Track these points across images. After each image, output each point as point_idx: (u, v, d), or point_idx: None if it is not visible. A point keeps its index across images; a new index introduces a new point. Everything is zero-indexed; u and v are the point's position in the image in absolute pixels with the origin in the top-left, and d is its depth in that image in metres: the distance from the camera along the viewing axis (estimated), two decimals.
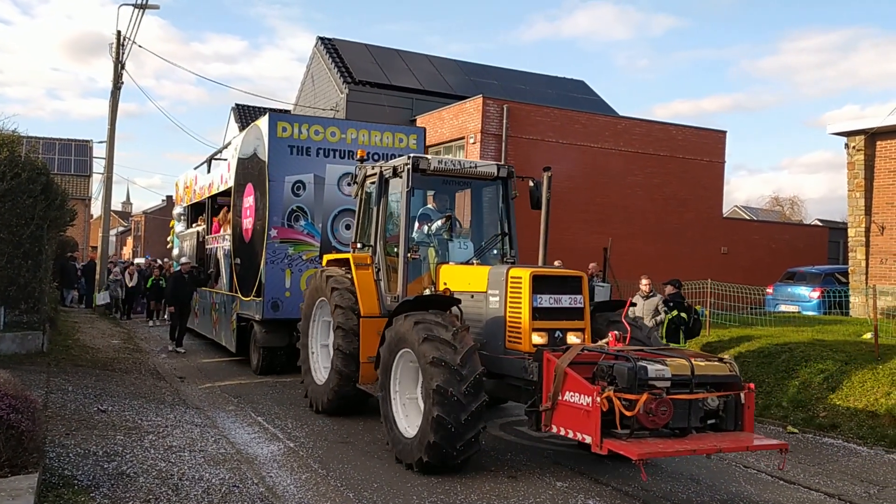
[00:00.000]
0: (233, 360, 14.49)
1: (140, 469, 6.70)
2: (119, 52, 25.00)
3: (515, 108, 22.07)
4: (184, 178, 20.39)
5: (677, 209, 24.29)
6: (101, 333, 18.15)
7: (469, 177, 9.33)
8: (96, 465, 6.66)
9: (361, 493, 6.63)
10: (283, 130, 12.59)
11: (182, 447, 7.68)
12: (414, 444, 7.13)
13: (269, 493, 6.45)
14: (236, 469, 7.04)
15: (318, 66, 28.82)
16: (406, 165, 8.74)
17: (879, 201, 18.21)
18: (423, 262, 8.99)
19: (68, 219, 15.32)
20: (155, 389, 11.11)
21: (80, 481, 6.14)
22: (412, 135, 13.65)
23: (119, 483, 6.24)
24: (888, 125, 17.65)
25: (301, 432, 8.85)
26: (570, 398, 6.23)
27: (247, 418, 9.58)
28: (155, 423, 8.72)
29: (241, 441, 8.33)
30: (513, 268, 7.69)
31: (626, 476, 7.38)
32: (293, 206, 12.61)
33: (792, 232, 30.85)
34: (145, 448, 7.46)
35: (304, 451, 8.01)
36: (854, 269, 18.74)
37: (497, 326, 7.66)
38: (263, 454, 7.83)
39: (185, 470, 6.84)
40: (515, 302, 7.47)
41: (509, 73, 31.92)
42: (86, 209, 41.43)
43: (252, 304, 12.92)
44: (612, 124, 24.05)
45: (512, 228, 9.34)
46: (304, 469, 7.32)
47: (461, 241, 9.25)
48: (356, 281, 9.24)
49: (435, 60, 30.60)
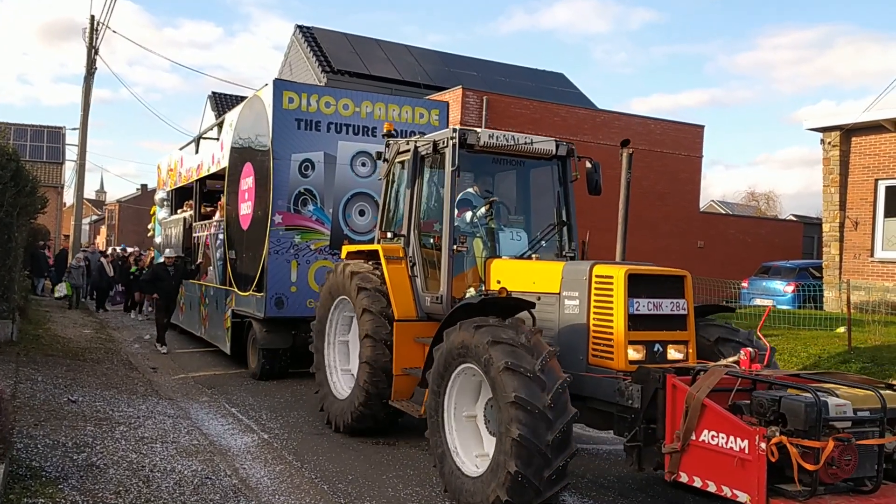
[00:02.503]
0: (207, 350, 14.33)
1: (110, 460, 6.58)
2: (93, 37, 24.62)
3: (495, 99, 22.03)
4: (167, 160, 18.98)
5: (655, 203, 24.39)
6: (72, 323, 17.88)
7: (522, 155, 7.95)
8: (65, 456, 6.52)
9: (336, 484, 6.56)
10: (290, 101, 11.01)
11: (154, 438, 7.56)
12: (484, 481, 5.64)
13: (243, 484, 6.37)
14: (209, 461, 6.94)
15: (296, 55, 28.56)
16: (451, 140, 7.40)
17: (854, 197, 18.40)
18: (467, 256, 7.65)
19: (39, 206, 15.07)
20: (127, 380, 10.94)
21: (48, 473, 6.01)
22: (434, 109, 12.09)
23: (88, 474, 6.12)
24: (863, 121, 17.84)
25: (275, 424, 8.76)
26: (710, 440, 4.82)
27: (220, 409, 9.47)
28: (126, 413, 8.58)
29: (214, 432, 8.22)
30: (599, 264, 6.31)
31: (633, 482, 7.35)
32: (300, 188, 11.09)
33: (767, 227, 31.16)
34: (116, 439, 7.33)
35: (279, 442, 7.92)
36: (828, 263, 18.94)
37: (575, 337, 6.28)
38: (237, 446, 7.73)
39: (156, 461, 6.72)
40: (604, 307, 6.09)
41: (489, 64, 31.87)
42: (58, 197, 40.87)
43: (251, 300, 11.51)
44: (591, 117, 24.09)
45: (571, 217, 8.07)
46: (278, 461, 7.23)
47: (513, 232, 7.94)
48: (387, 278, 7.85)
49: (414, 51, 30.46)
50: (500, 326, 5.77)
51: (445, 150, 7.49)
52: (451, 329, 6.10)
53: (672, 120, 26.20)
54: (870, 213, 18.05)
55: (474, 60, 31.81)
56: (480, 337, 5.68)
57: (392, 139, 8.64)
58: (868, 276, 17.80)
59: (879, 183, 17.97)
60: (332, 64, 26.57)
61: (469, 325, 5.88)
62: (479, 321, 5.86)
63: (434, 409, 6.25)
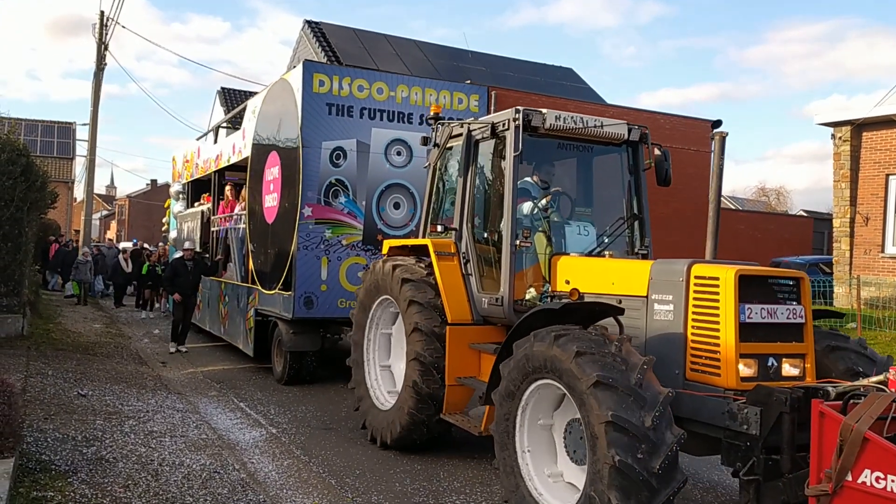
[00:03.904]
0: (216, 345, 14.38)
1: (119, 454, 6.63)
2: (102, 33, 24.68)
3: (503, 94, 21.95)
4: (183, 152, 18.08)
5: (664, 198, 24.21)
6: (82, 318, 17.97)
7: (589, 140, 7.10)
8: (75, 449, 6.57)
9: (343, 479, 6.58)
10: (321, 84, 10.18)
11: (163, 432, 7.60)
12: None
13: (251, 479, 6.39)
14: (217, 455, 6.97)
15: (304, 50, 28.57)
16: (514, 121, 6.60)
17: (864, 192, 18.30)
18: (528, 252, 6.87)
19: (49, 201, 15.13)
20: (136, 374, 11.00)
21: (57, 466, 6.06)
22: (473, 94, 11.30)
23: (98, 468, 6.16)
24: (874, 116, 17.72)
25: (283, 418, 8.79)
26: (874, 482, 3.96)
27: (229, 404, 9.50)
28: (136, 408, 8.63)
29: (222, 427, 8.25)
30: (699, 263, 5.44)
31: None
32: (331, 178, 10.29)
33: (777, 222, 31.03)
34: (125, 433, 7.38)
35: (287, 437, 7.94)
36: (838, 259, 18.84)
37: (669, 348, 5.43)
38: (245, 440, 7.75)
39: (165, 455, 6.76)
40: (707, 314, 5.23)
41: (497, 59, 31.80)
42: (69, 192, 41.10)
43: (277, 300, 10.79)
44: (599, 112, 23.96)
45: (644, 210, 7.24)
46: (286, 455, 7.25)
47: (580, 226, 7.13)
48: (439, 277, 7.08)
49: (423, 46, 30.42)
50: (586, 335, 5.03)
51: (506, 133, 6.75)
52: (524, 340, 5.34)
53: (681, 115, 26.07)
54: (880, 209, 17.94)
55: (483, 55, 31.74)
56: (564, 348, 4.91)
57: (441, 122, 7.91)
58: (878, 272, 17.70)
59: (890, 178, 17.86)
60: (340, 59, 26.55)
61: (546, 334, 5.13)
62: (559, 329, 5.11)
63: (504, 431, 5.51)
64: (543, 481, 5.36)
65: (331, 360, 11.61)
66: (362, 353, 8.04)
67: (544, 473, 5.40)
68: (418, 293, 7.04)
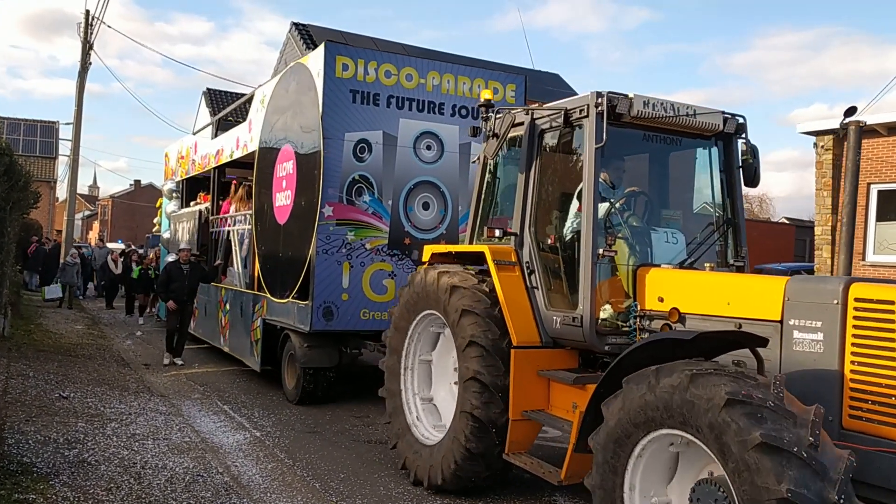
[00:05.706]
0: (200, 347, 14.30)
1: (102, 457, 6.58)
2: (87, 32, 24.50)
3: None
4: (177, 147, 16.94)
5: None
6: (64, 319, 17.83)
7: (677, 131, 6.10)
8: (56, 452, 6.52)
9: (328, 483, 6.57)
10: (345, 68, 9.17)
11: (145, 435, 7.56)
12: None
13: (234, 482, 6.37)
14: (201, 458, 6.94)
15: (291, 52, 28.52)
16: (596, 108, 5.57)
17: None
18: (602, 262, 5.69)
19: (32, 201, 15.01)
20: (119, 376, 10.93)
21: (39, 468, 6.01)
22: (510, 84, 10.21)
23: (80, 471, 6.12)
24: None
25: (268, 421, 8.76)
26: None
27: (213, 407, 9.46)
28: (118, 410, 8.57)
29: (206, 430, 8.22)
30: (858, 283, 4.36)
31: None
32: (355, 174, 9.20)
33: (759, 229, 31.28)
34: (107, 436, 7.33)
35: (271, 440, 7.92)
36: (820, 267, 19.02)
37: (818, 387, 4.31)
38: (229, 443, 7.72)
39: (148, 458, 6.73)
40: (877, 346, 4.14)
41: (484, 63, 31.90)
42: (51, 192, 40.77)
43: (291, 309, 9.68)
44: None
45: (739, 214, 6.26)
46: (269, 459, 7.23)
47: (668, 232, 6.03)
48: (500, 291, 5.99)
49: (409, 49, 30.46)
50: (732, 375, 3.93)
51: (583, 121, 5.72)
52: (640, 376, 4.25)
53: None
54: (862, 217, 18.14)
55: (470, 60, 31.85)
56: (706, 391, 3.83)
57: (494, 111, 6.72)
58: None
59: (872, 187, 18.05)
60: None
61: (679, 372, 4.01)
62: (692, 366, 4.05)
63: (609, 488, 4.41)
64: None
65: (347, 377, 10.61)
66: (399, 382, 6.90)
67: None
68: (473, 301, 5.99)
